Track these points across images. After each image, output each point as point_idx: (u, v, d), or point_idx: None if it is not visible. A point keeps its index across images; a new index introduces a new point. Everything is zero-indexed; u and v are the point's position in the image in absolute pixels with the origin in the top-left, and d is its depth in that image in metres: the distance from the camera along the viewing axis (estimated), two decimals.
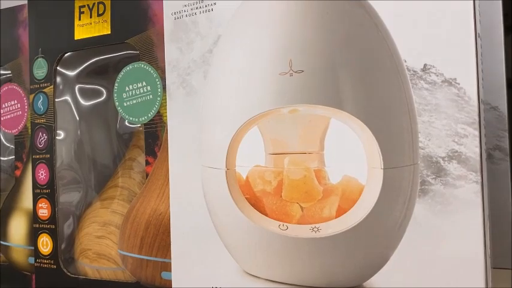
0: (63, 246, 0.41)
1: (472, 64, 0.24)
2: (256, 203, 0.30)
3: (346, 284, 0.27)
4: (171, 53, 0.33)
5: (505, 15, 0.85)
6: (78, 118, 0.41)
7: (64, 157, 0.41)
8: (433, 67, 0.25)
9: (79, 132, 0.41)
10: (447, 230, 0.24)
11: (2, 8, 0.45)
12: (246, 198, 0.30)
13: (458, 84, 0.24)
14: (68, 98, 0.41)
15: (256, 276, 0.30)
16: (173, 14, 0.33)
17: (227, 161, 0.30)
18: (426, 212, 0.25)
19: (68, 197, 0.41)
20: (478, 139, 0.24)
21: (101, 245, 0.39)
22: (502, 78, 0.47)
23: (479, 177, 0.24)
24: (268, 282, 0.29)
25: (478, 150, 0.24)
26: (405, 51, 0.25)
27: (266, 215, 0.29)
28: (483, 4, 0.45)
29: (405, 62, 0.25)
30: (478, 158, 0.24)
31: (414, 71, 0.25)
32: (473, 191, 0.24)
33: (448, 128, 0.24)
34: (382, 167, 0.26)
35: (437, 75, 0.24)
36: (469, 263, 0.24)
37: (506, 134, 0.46)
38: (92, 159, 0.42)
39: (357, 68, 0.26)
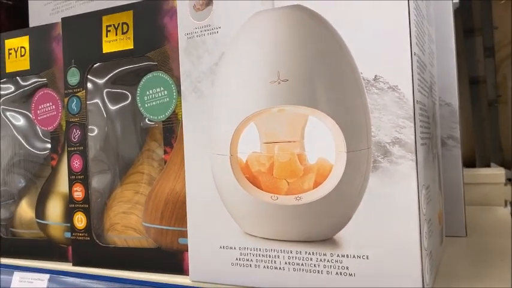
0: (95, 221, 0.50)
1: (408, 75, 0.33)
2: (253, 181, 0.39)
3: (321, 238, 0.36)
4: (184, 65, 0.42)
5: (464, 20, 0.95)
6: (105, 117, 0.50)
7: (95, 149, 0.50)
8: (381, 77, 0.34)
9: (106, 129, 0.50)
10: (392, 195, 0.34)
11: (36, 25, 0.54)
12: (246, 177, 0.39)
13: (399, 89, 0.33)
14: (97, 101, 0.50)
15: (254, 236, 0.39)
16: (186, 34, 0.42)
17: (231, 149, 0.39)
18: (377, 183, 0.34)
19: (98, 182, 0.50)
20: (413, 129, 0.33)
21: (127, 219, 0.48)
22: (454, 79, 0.56)
23: (414, 157, 0.33)
24: (263, 239, 0.38)
25: (413, 137, 0.33)
26: (361, 65, 0.34)
27: (261, 189, 0.39)
28: (437, 15, 0.55)
29: (361, 73, 0.34)
30: (413, 143, 0.33)
31: (368, 80, 0.34)
32: (410, 167, 0.33)
33: (392, 122, 0.34)
34: (346, 151, 0.35)
35: (384, 83, 0.34)
36: (407, 216, 0.33)
37: (458, 126, 0.56)
38: (117, 151, 0.51)
39: (327, 78, 0.35)
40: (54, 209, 0.53)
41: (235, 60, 0.39)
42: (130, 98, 0.50)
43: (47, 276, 0.49)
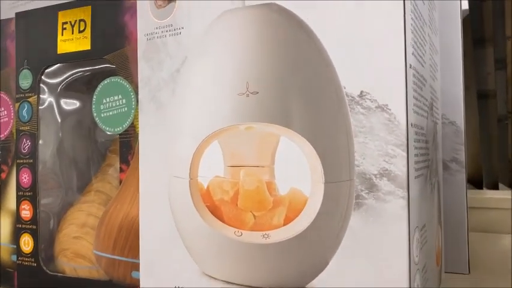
0: (43, 245, 0.44)
1: (401, 92, 0.27)
2: (215, 211, 0.33)
3: (292, 285, 0.30)
4: (143, 70, 0.36)
5: (474, 29, 0.88)
6: (60, 126, 0.44)
7: (46, 162, 0.44)
8: (368, 94, 0.28)
9: (60, 139, 0.44)
10: (378, 239, 0.27)
11: None
12: (207, 206, 0.33)
13: (390, 110, 0.27)
14: (50, 107, 0.44)
15: (214, 278, 0.32)
16: (146, 35, 0.35)
17: (191, 171, 0.33)
18: (361, 223, 0.28)
19: (49, 200, 0.44)
20: (405, 159, 0.27)
21: (78, 245, 0.42)
22: (459, 94, 0.50)
23: (406, 193, 0.27)
24: (224, 283, 0.32)
25: (405, 169, 0.27)
26: (344, 78, 0.28)
27: (224, 222, 0.32)
28: (443, 22, 0.49)
29: (344, 88, 0.28)
30: (405, 176, 0.27)
31: (352, 97, 0.28)
32: (400, 206, 0.27)
33: (380, 149, 0.27)
34: (324, 181, 0.29)
35: (372, 101, 0.28)
36: (395, 266, 0.27)
37: (463, 148, 0.50)
38: (73, 165, 0.45)
39: (303, 92, 0.29)
40: (3, 227, 0.46)
41: (199, 67, 0.33)
42: (85, 105, 0.44)
43: None
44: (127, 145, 0.38)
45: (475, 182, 0.95)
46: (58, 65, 0.43)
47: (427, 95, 0.35)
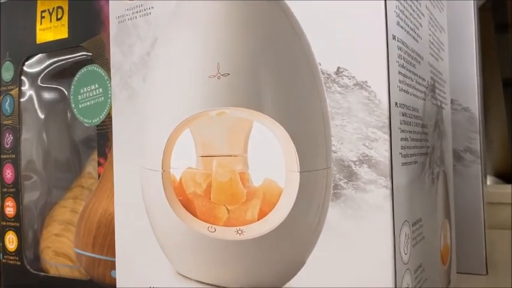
0: (28, 243, 0.42)
1: (382, 66, 0.24)
2: (188, 205, 0.30)
3: (268, 285, 0.27)
4: (115, 56, 0.33)
5: (495, 15, 0.82)
6: (42, 119, 0.42)
7: (29, 157, 0.42)
8: (346, 70, 0.24)
9: (44, 133, 0.42)
10: (358, 234, 0.24)
11: None
12: (179, 200, 0.30)
13: (369, 87, 0.24)
14: (31, 100, 0.42)
15: (187, 278, 0.30)
16: (117, 18, 0.33)
17: (163, 163, 0.30)
18: (339, 216, 0.25)
19: (33, 196, 0.42)
20: (388, 143, 0.23)
21: (59, 243, 0.40)
22: (473, 77, 0.46)
23: (389, 182, 0.23)
24: (198, 283, 0.29)
25: (387, 154, 0.23)
26: (320, 53, 0.25)
27: (197, 217, 0.30)
28: (453, 3, 0.45)
29: (320, 65, 0.25)
30: (388, 162, 0.23)
31: (328, 74, 0.25)
32: (383, 196, 0.23)
33: (359, 132, 0.24)
34: (299, 170, 0.25)
35: (350, 78, 0.24)
36: (377, 265, 0.24)
37: (478, 136, 0.45)
38: (56, 159, 0.43)
39: (276, 71, 0.26)
40: None
41: (167, 48, 0.30)
42: (67, 97, 0.42)
43: None
44: (104, 137, 0.36)
45: (503, 175, 0.89)
46: (38, 55, 0.41)
47: (425, 74, 0.31)
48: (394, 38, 0.25)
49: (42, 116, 0.42)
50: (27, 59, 0.41)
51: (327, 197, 0.25)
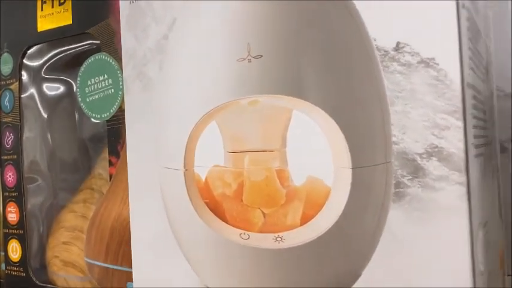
0: (33, 252, 0.38)
1: (453, 39, 0.20)
2: (216, 208, 0.26)
3: None
4: (127, 41, 0.29)
5: None
6: (45, 116, 0.38)
7: (32, 158, 0.39)
8: (407, 45, 0.20)
9: (48, 131, 0.39)
10: (426, 241, 0.20)
11: None
12: (206, 202, 0.26)
13: (438, 64, 0.20)
14: (33, 95, 0.38)
15: None
16: None
17: (185, 161, 0.26)
18: (402, 219, 0.21)
19: (37, 200, 0.39)
20: (462, 131, 0.20)
21: (68, 252, 0.36)
22: None
23: (465, 178, 0.20)
24: None
25: (462, 144, 0.20)
26: (374, 27, 0.21)
27: (226, 221, 0.26)
28: None
29: (375, 40, 0.21)
30: (463, 155, 0.20)
31: (385, 51, 0.21)
32: (457, 195, 0.20)
33: (426, 119, 0.20)
34: (351, 166, 0.22)
35: (413, 55, 0.20)
36: (453, 279, 0.20)
37: None
38: (63, 160, 0.39)
39: (321, 50, 0.22)
40: None
41: (189, 29, 0.26)
42: (72, 91, 0.38)
43: None
44: (116, 133, 0.32)
45: None
46: (40, 45, 0.37)
47: (483, 52, 0.27)
48: (463, 6, 0.21)
49: (45, 112, 0.38)
50: (28, 49, 0.37)
51: (387, 197, 0.21)
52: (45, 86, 0.38)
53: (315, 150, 0.23)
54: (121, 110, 0.32)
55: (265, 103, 0.24)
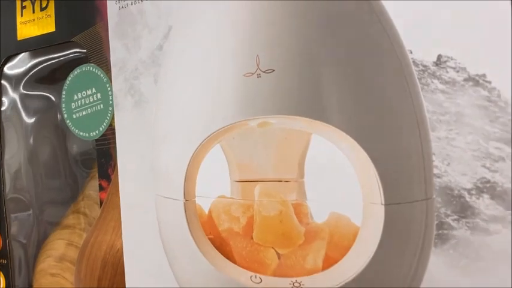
0: (19, 284, 0.35)
1: (508, 52, 0.16)
2: (222, 246, 0.23)
3: None
4: (116, 51, 0.26)
5: None
6: (28, 132, 0.35)
7: (15, 179, 0.35)
8: (451, 59, 0.17)
9: (31, 150, 0.35)
10: None
11: None
12: (209, 238, 0.23)
13: (489, 83, 0.16)
14: (15, 109, 0.35)
15: None
16: (117, 2, 0.26)
17: (185, 190, 0.23)
18: (446, 268, 0.17)
19: (22, 226, 0.35)
20: None
21: (56, 284, 0.32)
22: None
23: None
24: None
25: None
26: (410, 37, 0.18)
27: (234, 262, 0.22)
28: None
29: (411, 53, 0.18)
30: None
31: (424, 66, 0.17)
32: None
33: (475, 147, 0.17)
34: (383, 203, 0.18)
35: (458, 71, 0.17)
36: None
37: None
38: (49, 180, 0.35)
39: (345, 65, 0.19)
40: None
41: (188, 39, 0.23)
42: (56, 106, 0.34)
43: None
44: (106, 154, 0.29)
45: None
46: (20, 55, 0.33)
47: None
48: None
49: (28, 129, 0.35)
50: (7, 59, 0.34)
51: (427, 239, 0.18)
52: (27, 100, 0.35)
53: (339, 182, 0.20)
54: (111, 128, 0.29)
55: (278, 125, 0.21)
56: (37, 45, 0.32)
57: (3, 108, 0.34)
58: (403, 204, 0.18)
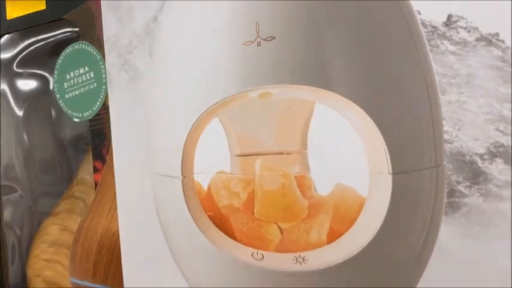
0: (12, 272, 0.34)
1: None
2: (222, 223, 0.22)
3: None
4: (109, 26, 0.25)
5: None
6: (20, 116, 0.34)
7: (7, 164, 0.34)
8: (462, 19, 0.16)
9: (23, 133, 0.34)
10: (489, 263, 0.16)
11: None
12: (209, 215, 0.22)
13: (503, 42, 0.16)
14: (5, 92, 0.34)
15: None
16: None
17: (183, 167, 0.22)
18: (457, 237, 0.17)
19: (14, 212, 0.34)
20: None
21: (51, 270, 0.32)
22: None
23: None
24: None
25: None
26: None
27: (235, 238, 0.22)
28: None
29: (419, 14, 0.17)
30: None
31: (433, 27, 0.17)
32: None
33: (488, 110, 0.16)
34: (391, 172, 0.17)
35: (469, 31, 0.16)
36: None
37: None
38: (41, 165, 0.35)
39: (349, 29, 0.18)
40: None
41: (183, 8, 0.22)
42: (48, 87, 0.33)
43: None
44: (99, 134, 0.28)
45: None
46: (10, 35, 0.32)
47: None
48: None
49: (20, 111, 0.34)
50: None
51: (437, 208, 0.17)
52: (18, 82, 0.34)
53: (344, 152, 0.19)
54: (105, 108, 0.28)
55: (280, 95, 0.20)
56: (28, 24, 0.31)
57: None
58: (412, 172, 0.17)
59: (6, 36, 0.33)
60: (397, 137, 0.17)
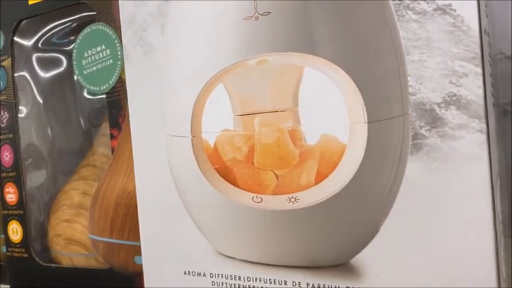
0: (35, 232, 0.37)
1: None
2: (226, 174, 0.26)
3: (330, 262, 0.23)
4: (125, 7, 0.28)
5: None
6: (41, 92, 0.37)
7: (29, 136, 0.38)
8: None
9: (44, 107, 0.38)
10: (446, 192, 0.20)
11: None
12: (215, 168, 0.26)
13: (454, 11, 0.19)
14: (28, 70, 0.37)
15: (231, 257, 0.26)
16: None
17: (192, 127, 0.26)
18: (420, 171, 0.20)
19: (37, 179, 0.38)
20: (481, 77, 0.19)
21: (70, 229, 0.35)
22: None
23: (484, 125, 0.19)
24: (245, 263, 0.25)
25: (481, 91, 0.19)
26: None
27: (238, 186, 0.25)
28: None
29: None
30: (482, 101, 0.19)
31: (400, 0, 0.20)
32: (477, 142, 0.19)
33: (443, 67, 0.20)
34: (366, 121, 0.21)
35: (428, 3, 0.20)
36: (474, 231, 0.19)
37: None
38: (62, 136, 0.38)
39: (332, 4, 0.22)
40: None
41: None
42: (67, 65, 0.37)
43: None
44: (116, 105, 0.31)
45: None
46: (32, 19, 0.36)
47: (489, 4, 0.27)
48: None
49: (41, 88, 0.37)
50: (19, 24, 0.36)
51: (404, 149, 0.21)
52: (39, 61, 0.37)
53: (328, 107, 0.23)
54: (121, 81, 0.31)
55: (275, 62, 0.24)
56: (48, 9, 0.34)
57: (16, 71, 0.37)
58: (384, 120, 0.21)
59: (26, 21, 0.36)
60: (371, 91, 0.21)
